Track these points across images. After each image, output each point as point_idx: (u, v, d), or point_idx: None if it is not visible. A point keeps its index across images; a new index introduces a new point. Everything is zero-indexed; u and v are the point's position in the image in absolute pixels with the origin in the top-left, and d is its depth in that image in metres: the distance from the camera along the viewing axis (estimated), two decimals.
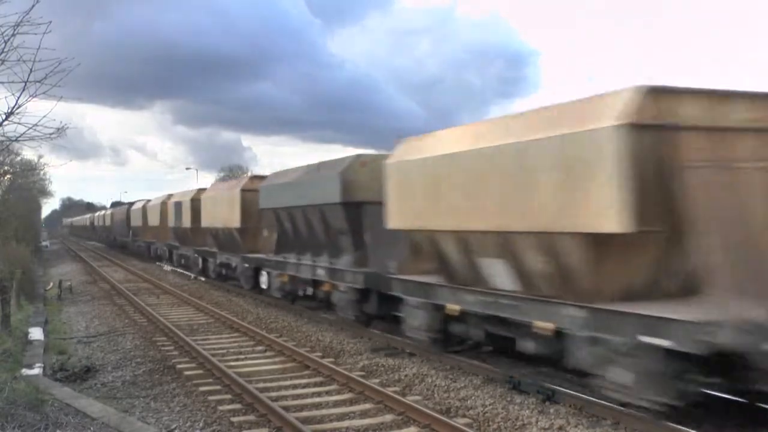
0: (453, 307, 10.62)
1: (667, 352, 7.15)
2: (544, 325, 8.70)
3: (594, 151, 7.74)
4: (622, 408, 8.24)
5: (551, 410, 8.57)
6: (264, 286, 20.33)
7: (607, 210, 7.57)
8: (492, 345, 11.11)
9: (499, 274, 9.62)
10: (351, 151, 16.50)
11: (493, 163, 9.35)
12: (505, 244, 9.27)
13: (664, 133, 7.52)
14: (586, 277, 8.18)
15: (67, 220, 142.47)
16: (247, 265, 21.93)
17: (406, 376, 10.75)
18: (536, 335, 9.00)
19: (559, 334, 8.55)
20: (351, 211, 14.69)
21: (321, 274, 16.13)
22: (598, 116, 7.81)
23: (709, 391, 7.75)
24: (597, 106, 8.06)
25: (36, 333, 14.74)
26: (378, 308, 13.97)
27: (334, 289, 15.33)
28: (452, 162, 10.30)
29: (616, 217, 7.47)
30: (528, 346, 9.42)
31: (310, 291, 17.11)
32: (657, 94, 7.68)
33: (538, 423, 8.10)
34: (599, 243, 7.86)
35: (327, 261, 16.05)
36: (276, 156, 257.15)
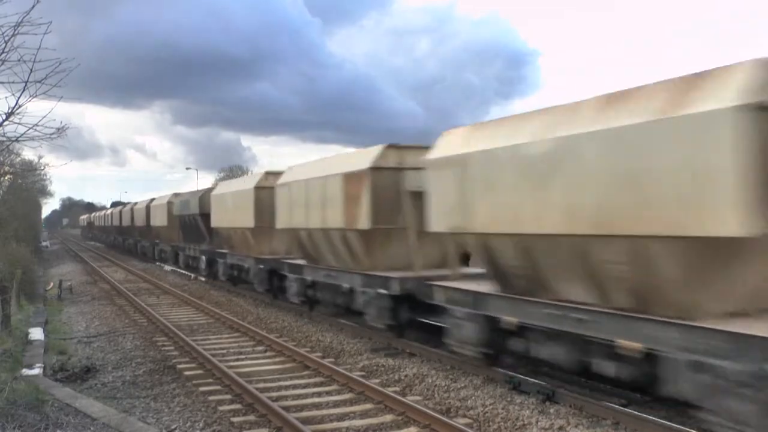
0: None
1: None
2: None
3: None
4: (622, 408, 8.26)
5: (551, 410, 8.58)
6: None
7: None
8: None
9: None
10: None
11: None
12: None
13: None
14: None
15: (81, 218, 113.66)
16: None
17: (406, 376, 10.75)
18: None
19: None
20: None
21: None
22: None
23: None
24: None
25: (36, 333, 14.73)
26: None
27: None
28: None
29: None
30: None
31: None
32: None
33: (538, 423, 8.10)
34: None
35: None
36: (275, 156, 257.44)
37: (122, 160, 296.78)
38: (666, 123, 6.80)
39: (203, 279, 28.02)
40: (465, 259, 12.97)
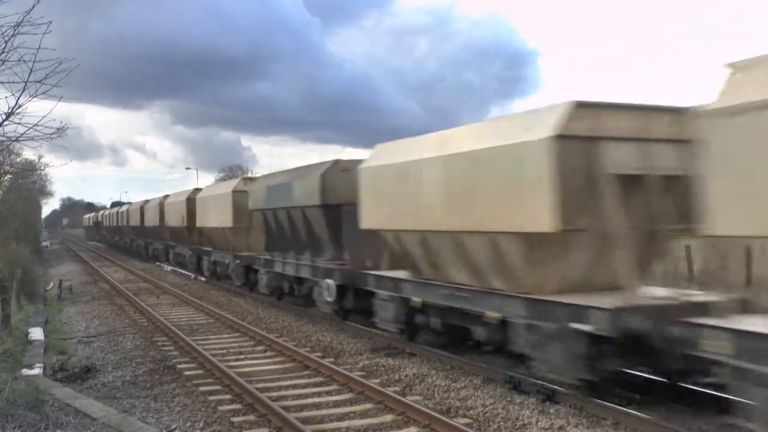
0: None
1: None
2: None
3: None
4: (622, 408, 8.26)
5: (551, 410, 8.57)
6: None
7: None
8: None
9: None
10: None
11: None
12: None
13: None
14: None
15: (86, 216, 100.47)
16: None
17: (406, 376, 10.75)
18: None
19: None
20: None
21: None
22: None
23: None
24: None
25: (36, 333, 14.74)
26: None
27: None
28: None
29: None
30: None
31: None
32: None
33: (538, 423, 8.10)
34: None
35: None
36: (275, 156, 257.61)
37: (122, 160, 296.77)
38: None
39: (203, 279, 27.97)
40: None
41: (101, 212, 78.20)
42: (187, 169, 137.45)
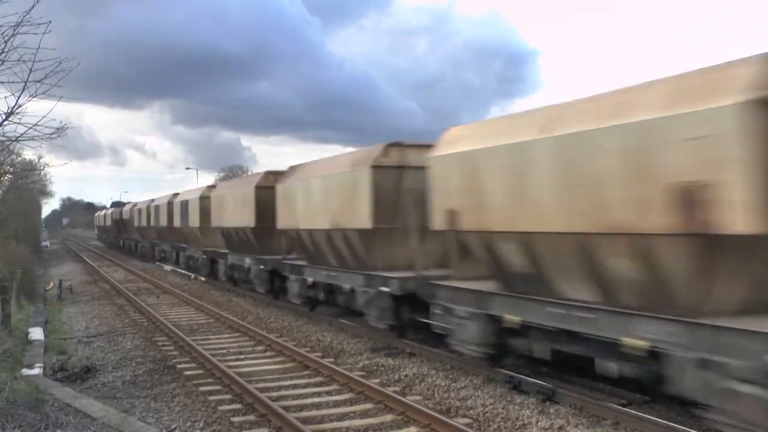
0: None
1: None
2: None
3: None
4: (622, 408, 8.26)
5: (551, 410, 8.57)
6: None
7: None
8: None
9: None
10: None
11: None
12: None
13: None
14: None
15: (98, 214, 77.33)
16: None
17: (406, 376, 10.75)
18: None
19: None
20: None
21: None
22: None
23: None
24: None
25: (36, 333, 14.73)
26: None
27: None
28: None
29: None
30: None
31: None
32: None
33: (538, 423, 8.10)
34: None
35: None
36: (275, 156, 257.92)
37: (122, 160, 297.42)
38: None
39: (203, 279, 27.99)
40: None
41: (126, 208, 55.02)
42: (187, 168, 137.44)
